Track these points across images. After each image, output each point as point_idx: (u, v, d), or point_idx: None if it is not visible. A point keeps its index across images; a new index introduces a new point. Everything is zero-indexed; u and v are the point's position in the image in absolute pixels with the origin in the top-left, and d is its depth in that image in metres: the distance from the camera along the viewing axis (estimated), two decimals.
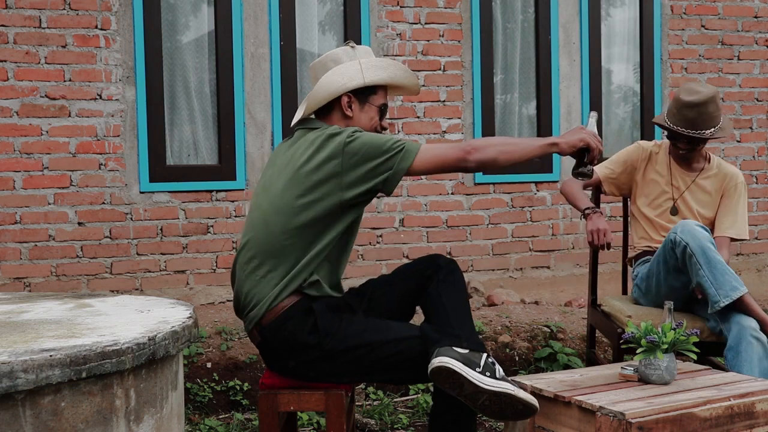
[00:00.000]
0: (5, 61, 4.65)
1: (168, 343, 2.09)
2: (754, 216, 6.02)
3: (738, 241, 3.64)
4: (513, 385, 2.43)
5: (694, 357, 2.64)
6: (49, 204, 4.75)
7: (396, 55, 5.34)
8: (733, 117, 6.03)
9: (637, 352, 2.64)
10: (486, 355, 2.44)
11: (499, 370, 2.44)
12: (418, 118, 5.44)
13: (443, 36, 5.48)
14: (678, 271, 3.31)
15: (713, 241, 3.27)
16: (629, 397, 2.48)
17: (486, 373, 2.40)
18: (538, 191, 5.69)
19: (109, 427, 1.94)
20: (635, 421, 2.31)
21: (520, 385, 2.52)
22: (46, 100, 4.72)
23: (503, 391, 2.38)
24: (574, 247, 5.78)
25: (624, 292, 3.92)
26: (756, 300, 3.32)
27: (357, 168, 2.49)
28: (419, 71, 5.37)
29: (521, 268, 5.67)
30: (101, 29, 4.80)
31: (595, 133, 2.64)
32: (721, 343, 3.29)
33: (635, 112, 6.03)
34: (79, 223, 4.80)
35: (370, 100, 2.70)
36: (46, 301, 2.57)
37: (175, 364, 2.23)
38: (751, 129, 6.15)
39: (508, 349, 4.41)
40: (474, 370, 2.38)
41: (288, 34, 5.18)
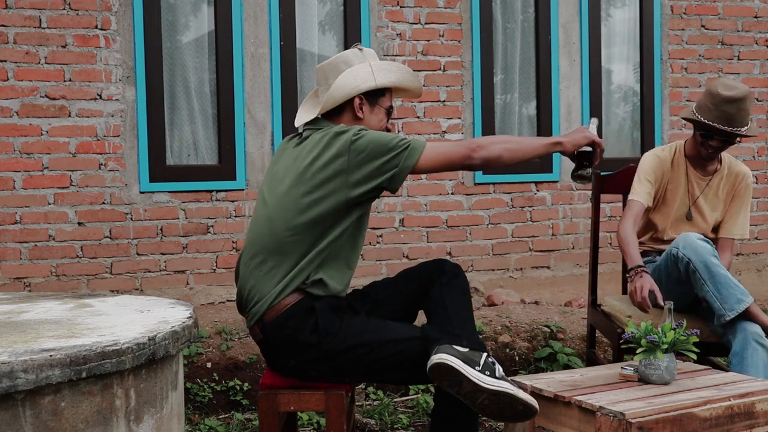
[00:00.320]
0: (5, 61, 4.65)
1: (168, 343, 2.09)
2: (754, 216, 6.01)
3: (739, 240, 3.63)
4: (513, 385, 2.42)
5: (694, 357, 2.64)
6: (49, 204, 4.75)
7: (396, 55, 5.34)
8: None
9: (637, 352, 2.64)
10: (486, 355, 2.44)
11: (499, 369, 2.44)
12: (418, 118, 5.44)
13: (443, 36, 5.48)
14: (681, 282, 3.30)
15: (716, 253, 3.26)
16: (629, 397, 2.48)
17: (485, 372, 2.39)
18: (538, 191, 5.69)
19: (109, 427, 1.94)
20: (635, 421, 2.31)
21: (520, 386, 2.51)
22: (46, 100, 4.72)
23: (502, 391, 2.38)
24: (574, 247, 5.78)
25: (624, 292, 3.91)
26: (756, 300, 3.32)
27: (363, 165, 2.50)
28: (419, 71, 5.37)
29: (521, 268, 5.67)
30: (101, 29, 4.80)
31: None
32: (721, 344, 3.29)
33: (635, 112, 6.03)
34: (79, 223, 4.80)
35: (380, 102, 2.71)
36: (46, 301, 2.57)
37: (175, 364, 2.23)
38: None
39: (508, 349, 4.41)
40: (473, 369, 2.38)
41: (288, 34, 5.18)
